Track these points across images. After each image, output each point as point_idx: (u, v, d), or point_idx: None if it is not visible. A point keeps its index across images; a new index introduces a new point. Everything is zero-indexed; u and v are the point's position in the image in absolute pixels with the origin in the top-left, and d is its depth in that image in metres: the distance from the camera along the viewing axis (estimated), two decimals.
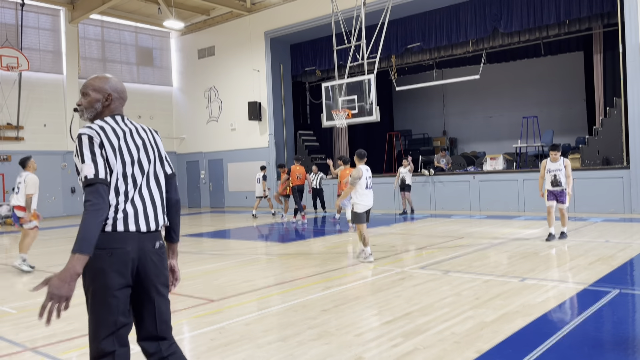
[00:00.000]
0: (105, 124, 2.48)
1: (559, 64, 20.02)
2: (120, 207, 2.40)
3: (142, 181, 2.49)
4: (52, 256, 9.87)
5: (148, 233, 2.46)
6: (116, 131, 2.47)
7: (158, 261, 2.48)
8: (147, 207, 2.47)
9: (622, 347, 3.91)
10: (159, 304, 2.49)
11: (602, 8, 14.26)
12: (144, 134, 2.59)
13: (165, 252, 2.58)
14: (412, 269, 7.14)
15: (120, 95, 2.60)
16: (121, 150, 2.44)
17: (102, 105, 2.56)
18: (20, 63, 18.99)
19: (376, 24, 15.30)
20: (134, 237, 2.40)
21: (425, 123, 24.47)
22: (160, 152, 2.64)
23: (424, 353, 3.88)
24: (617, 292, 5.45)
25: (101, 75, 2.64)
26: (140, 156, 2.51)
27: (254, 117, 20.79)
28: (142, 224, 2.43)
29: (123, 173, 2.43)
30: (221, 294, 6.11)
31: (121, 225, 2.38)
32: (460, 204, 15.94)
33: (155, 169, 2.58)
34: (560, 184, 9.08)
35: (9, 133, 19.70)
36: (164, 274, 2.52)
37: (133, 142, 2.51)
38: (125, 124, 2.56)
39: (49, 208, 20.55)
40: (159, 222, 2.53)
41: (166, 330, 2.54)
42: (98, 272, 2.37)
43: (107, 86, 2.57)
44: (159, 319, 2.50)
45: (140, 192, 2.48)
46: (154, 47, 24.19)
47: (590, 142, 14.47)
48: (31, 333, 4.84)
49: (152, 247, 2.47)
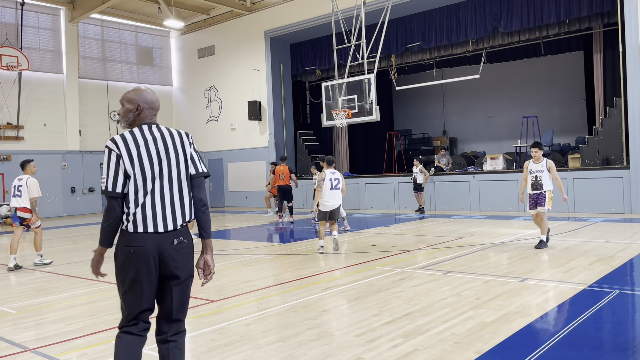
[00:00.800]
0: (129, 134, 2.81)
1: (559, 64, 20.01)
2: (139, 210, 2.74)
3: (160, 185, 2.79)
4: (52, 256, 9.86)
5: (166, 233, 2.77)
6: (137, 140, 2.78)
7: (176, 255, 2.79)
8: (166, 210, 2.78)
9: (622, 348, 3.91)
10: (175, 291, 2.83)
11: (602, 7, 14.26)
12: (169, 139, 2.85)
13: (185, 247, 2.84)
14: (412, 269, 7.14)
15: (150, 105, 2.90)
16: (140, 158, 2.76)
17: (134, 115, 2.88)
18: (20, 62, 18.99)
19: (376, 23, 15.30)
20: (152, 237, 2.74)
21: (425, 123, 24.47)
22: (185, 155, 2.89)
23: (424, 353, 3.88)
24: (617, 292, 5.45)
25: (136, 88, 2.96)
26: (160, 161, 2.80)
27: (254, 116, 20.78)
28: (160, 225, 2.76)
29: (143, 179, 2.75)
30: (221, 295, 6.11)
31: (141, 227, 2.73)
32: (460, 204, 15.94)
33: (178, 172, 2.85)
34: (540, 187, 8.34)
35: (9, 132, 19.69)
36: (183, 267, 2.81)
37: (155, 149, 2.80)
38: (152, 131, 2.85)
39: (49, 208, 20.55)
40: (177, 222, 2.81)
41: (179, 315, 2.88)
42: (123, 265, 2.78)
43: (138, 98, 2.88)
44: (175, 304, 2.84)
45: (161, 195, 2.79)
46: (154, 46, 24.19)
47: (590, 142, 14.46)
48: (31, 333, 4.84)
49: (170, 244, 2.78)
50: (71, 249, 11.06)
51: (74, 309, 5.80)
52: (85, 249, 10.94)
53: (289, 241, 11.07)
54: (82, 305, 5.96)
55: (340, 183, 9.06)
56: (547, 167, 8.33)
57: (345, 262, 8.11)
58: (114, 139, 2.78)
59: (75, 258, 9.59)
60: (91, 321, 5.20)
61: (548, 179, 8.35)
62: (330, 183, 8.94)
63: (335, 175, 9.07)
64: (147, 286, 2.77)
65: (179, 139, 2.88)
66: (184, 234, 2.84)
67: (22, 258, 10.28)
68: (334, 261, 8.16)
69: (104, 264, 2.97)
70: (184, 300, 2.90)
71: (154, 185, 2.77)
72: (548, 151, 16.69)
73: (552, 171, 8.32)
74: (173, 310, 2.86)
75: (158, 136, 2.83)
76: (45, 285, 7.21)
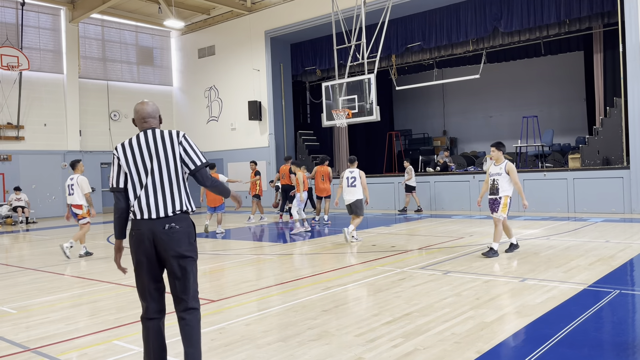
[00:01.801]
0: (128, 140, 3.36)
1: (559, 64, 20.01)
2: (136, 202, 3.28)
3: (152, 180, 3.28)
4: (50, 257, 9.87)
5: (158, 219, 3.25)
6: (133, 145, 3.33)
7: (167, 239, 3.23)
8: (158, 200, 3.26)
9: (622, 348, 3.91)
10: (174, 270, 3.27)
11: (603, 7, 14.25)
12: (159, 142, 3.31)
13: (176, 232, 3.26)
14: (412, 269, 7.14)
15: (136, 115, 3.41)
16: (135, 159, 3.30)
17: (136, 125, 3.45)
18: (20, 62, 19.00)
19: (376, 23, 15.30)
20: (147, 222, 3.25)
21: (426, 123, 24.47)
22: (174, 154, 3.31)
23: (424, 353, 3.88)
24: (617, 292, 5.45)
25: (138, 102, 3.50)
26: (151, 161, 3.29)
27: (254, 116, 20.78)
28: (153, 213, 3.25)
29: (138, 176, 3.30)
30: (221, 294, 6.11)
31: (139, 214, 3.27)
32: (460, 204, 15.94)
33: (167, 169, 3.30)
34: (497, 191, 7.83)
35: (10, 132, 19.70)
36: (174, 248, 3.24)
37: (147, 151, 3.30)
38: (147, 136, 3.33)
39: (49, 208, 20.57)
40: (168, 210, 3.26)
41: (182, 295, 3.28)
42: (131, 247, 3.33)
43: (134, 111, 3.44)
44: (175, 281, 3.29)
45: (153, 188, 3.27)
46: (154, 46, 24.19)
47: (590, 142, 14.46)
48: (31, 333, 4.85)
49: (162, 228, 3.24)
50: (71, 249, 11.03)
51: (75, 308, 5.81)
52: None
53: (289, 241, 11.06)
54: (82, 305, 5.97)
55: (357, 181, 9.91)
56: (506, 170, 7.77)
57: (346, 262, 8.11)
58: (116, 146, 3.38)
59: (75, 258, 9.59)
60: (91, 321, 5.20)
61: (507, 183, 7.78)
62: (347, 181, 10.03)
63: (353, 173, 10.02)
64: (147, 265, 3.27)
65: (168, 140, 3.32)
66: (177, 221, 3.28)
67: (24, 258, 10.30)
68: (335, 261, 8.16)
69: None
70: (183, 281, 3.28)
71: (147, 181, 3.28)
72: (548, 151, 16.71)
73: (512, 174, 7.74)
74: (176, 290, 3.29)
75: (150, 140, 3.32)
76: (45, 285, 7.21)
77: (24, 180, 19.67)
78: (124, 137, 22.95)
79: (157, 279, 3.33)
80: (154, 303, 3.33)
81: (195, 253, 3.35)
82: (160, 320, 3.36)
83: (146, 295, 3.32)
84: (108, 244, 11.65)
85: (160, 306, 3.36)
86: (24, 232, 15.73)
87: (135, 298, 6.12)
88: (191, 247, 3.31)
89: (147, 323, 3.33)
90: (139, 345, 4.33)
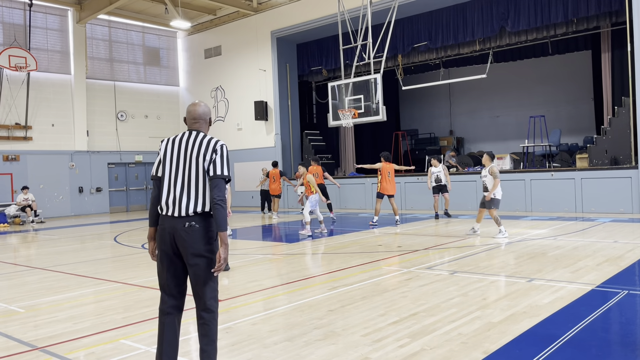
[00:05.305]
0: (175, 135, 3.52)
1: (566, 63, 19.90)
2: (163, 197, 3.41)
3: (181, 179, 3.39)
4: (59, 256, 9.92)
5: (179, 217, 3.34)
6: (175, 141, 3.48)
7: (186, 237, 3.31)
8: (182, 199, 3.35)
9: (631, 348, 3.89)
10: (193, 268, 3.34)
11: (610, 6, 14.17)
12: (196, 145, 3.41)
13: (195, 230, 3.32)
14: (419, 269, 7.12)
15: (188, 115, 3.54)
16: (172, 154, 3.45)
17: (186, 124, 3.57)
18: (28, 63, 19.12)
19: (382, 23, 15.28)
20: (170, 219, 3.36)
21: (432, 122, 24.41)
22: (205, 159, 3.37)
23: (430, 353, 3.87)
24: (626, 292, 5.42)
25: None
26: (180, 160, 3.41)
27: (261, 116, 20.81)
28: (176, 210, 3.35)
29: (169, 173, 3.43)
30: (227, 294, 6.12)
31: (164, 210, 3.40)
32: (465, 204, 15.88)
33: (196, 171, 3.38)
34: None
35: (18, 133, 19.83)
36: (193, 246, 3.31)
37: (181, 150, 3.43)
38: (190, 135, 3.46)
39: (57, 208, 20.68)
40: (189, 210, 3.33)
41: (199, 293, 3.35)
42: (156, 239, 3.48)
43: (186, 111, 3.57)
44: (193, 279, 3.36)
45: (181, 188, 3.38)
46: (160, 47, 24.27)
47: (598, 141, 14.38)
48: (39, 332, 4.88)
49: (182, 226, 3.33)
50: (78, 249, 11.11)
51: (82, 307, 5.83)
52: (92, 249, 11.00)
53: (296, 241, 11.07)
54: (89, 304, 5.99)
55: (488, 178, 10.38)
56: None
57: (352, 262, 8.10)
58: (163, 139, 3.56)
59: (83, 257, 9.64)
60: (99, 320, 5.22)
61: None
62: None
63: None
64: (166, 260, 3.39)
65: (205, 146, 3.40)
66: (197, 220, 3.34)
67: (32, 257, 10.36)
68: (341, 261, 8.16)
69: None
70: (199, 279, 3.34)
71: (177, 178, 3.40)
72: (556, 151, 16.62)
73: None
74: (195, 288, 3.37)
75: (191, 141, 3.44)
76: (53, 284, 7.25)
77: (32, 180, 19.80)
78: (130, 137, 23.07)
79: (177, 276, 3.43)
80: (171, 299, 3.43)
81: (214, 254, 3.37)
82: (175, 316, 3.44)
83: (165, 288, 3.44)
84: (115, 243, 11.70)
85: (177, 302, 3.46)
86: (32, 232, 15.81)
87: (143, 297, 6.15)
88: (210, 248, 3.36)
89: (163, 318, 3.42)
90: (146, 344, 4.35)
